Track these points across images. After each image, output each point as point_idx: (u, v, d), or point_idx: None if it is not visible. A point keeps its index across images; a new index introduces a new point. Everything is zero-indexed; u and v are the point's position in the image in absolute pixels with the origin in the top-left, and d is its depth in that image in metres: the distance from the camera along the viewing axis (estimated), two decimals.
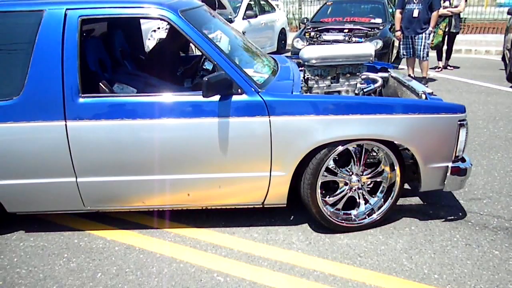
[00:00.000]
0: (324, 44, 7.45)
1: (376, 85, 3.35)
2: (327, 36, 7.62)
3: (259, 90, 2.59)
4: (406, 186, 3.06)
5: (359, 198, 2.88)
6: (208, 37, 2.62)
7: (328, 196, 2.83)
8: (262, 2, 10.56)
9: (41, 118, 2.55)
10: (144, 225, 3.02)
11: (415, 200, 3.26)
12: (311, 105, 2.57)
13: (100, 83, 2.83)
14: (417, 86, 3.08)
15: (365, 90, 3.27)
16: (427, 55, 6.69)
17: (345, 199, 2.85)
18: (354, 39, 7.42)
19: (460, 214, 3.08)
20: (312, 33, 7.80)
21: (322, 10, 9.00)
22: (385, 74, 3.61)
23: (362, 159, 2.77)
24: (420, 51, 6.62)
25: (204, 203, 2.85)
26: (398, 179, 2.80)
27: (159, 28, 9.25)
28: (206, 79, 2.39)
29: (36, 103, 2.54)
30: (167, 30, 8.98)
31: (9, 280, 2.50)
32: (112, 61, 3.53)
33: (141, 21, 10.74)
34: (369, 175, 2.84)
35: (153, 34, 8.91)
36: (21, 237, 2.92)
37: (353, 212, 2.90)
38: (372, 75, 3.45)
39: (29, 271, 2.58)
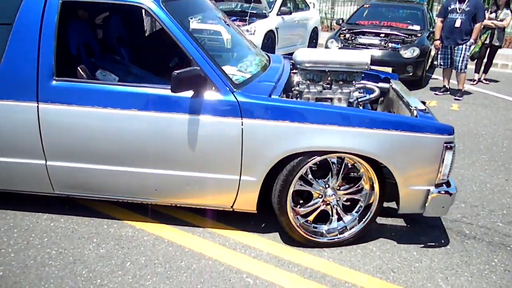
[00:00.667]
0: (360, 47, 7.33)
1: (372, 95, 3.19)
2: (362, 40, 7.49)
3: (234, 90, 2.48)
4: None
5: (332, 214, 2.74)
6: (188, 31, 2.52)
7: (299, 206, 2.69)
8: None
9: (15, 98, 2.54)
10: (172, 217, 2.99)
11: (451, 218, 3.16)
12: (286, 111, 2.44)
13: (79, 68, 2.76)
14: (412, 100, 2.87)
15: (360, 100, 3.10)
16: (465, 67, 6.51)
17: (316, 212, 2.71)
18: (390, 44, 7.28)
19: (498, 237, 2.97)
20: (347, 35, 7.67)
21: (358, 12, 8.85)
22: (386, 85, 3.40)
23: (341, 173, 2.62)
24: (458, 62, 6.45)
25: (172, 200, 2.77)
26: (376, 198, 2.66)
27: (191, 18, 9.22)
28: (175, 73, 2.31)
29: (11, 82, 2.54)
30: (199, 21, 8.98)
31: (39, 260, 2.50)
32: (103, 47, 3.47)
33: None
34: (347, 191, 2.70)
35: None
36: (52, 217, 2.93)
37: (324, 227, 2.76)
38: (369, 85, 3.29)
39: (59, 253, 2.58)
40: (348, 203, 2.78)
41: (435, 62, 8.48)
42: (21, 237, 2.70)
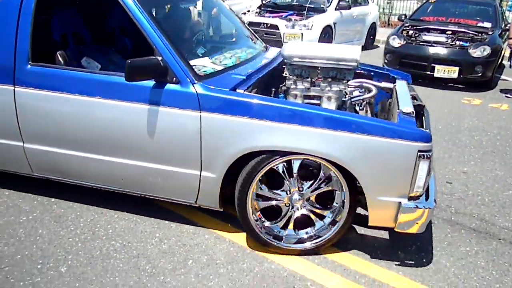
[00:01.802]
0: (423, 45, 6.96)
1: (368, 95, 2.91)
2: (427, 37, 7.11)
3: (195, 81, 2.38)
4: None
5: (286, 221, 2.55)
6: (153, 19, 2.45)
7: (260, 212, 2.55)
8: None
9: None
10: (233, 217, 2.92)
11: None
12: (246, 106, 2.30)
13: (58, 53, 2.79)
14: (404, 103, 2.58)
15: (353, 99, 2.85)
16: None
17: (285, 217, 2.56)
18: (457, 42, 6.86)
19: None
20: (410, 32, 7.32)
21: (423, 7, 8.42)
22: (390, 85, 3.12)
23: (293, 176, 2.44)
24: None
25: (139, 191, 2.72)
26: (346, 206, 2.44)
27: (249, 11, 9.18)
28: (129, 62, 2.24)
29: None
30: (256, 13, 8.91)
31: (105, 252, 2.53)
32: (85, 35, 3.46)
33: (231, 2, 10.72)
34: (314, 195, 2.50)
35: (242, 16, 8.84)
36: (115, 208, 2.96)
37: (284, 232, 2.56)
38: (367, 84, 3.03)
39: (123, 246, 2.59)
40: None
41: (504, 62, 7.95)
42: (87, 227, 2.74)
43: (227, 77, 2.56)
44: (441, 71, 6.76)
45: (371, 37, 10.60)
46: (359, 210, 2.52)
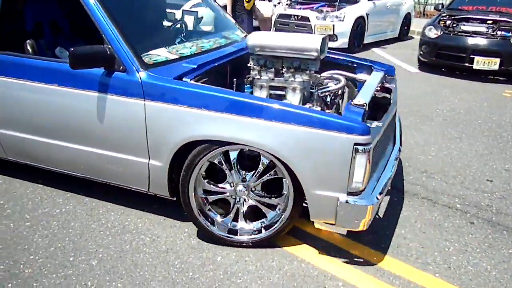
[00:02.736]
0: (462, 35, 6.66)
1: (337, 86, 2.75)
2: (466, 27, 6.80)
3: (141, 69, 2.38)
4: None
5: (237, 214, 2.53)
6: (105, 8, 2.45)
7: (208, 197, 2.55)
8: None
9: None
10: None
11: None
12: (185, 94, 2.30)
13: (26, 42, 2.87)
14: (362, 94, 2.50)
15: (320, 90, 2.72)
16: None
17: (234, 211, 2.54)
18: (499, 32, 6.53)
19: None
20: (448, 22, 7.02)
21: None
22: (366, 77, 2.98)
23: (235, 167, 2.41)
24: None
25: (100, 178, 2.78)
26: (290, 200, 2.38)
27: (279, 2, 9.06)
28: (72, 49, 2.25)
29: None
30: (287, 5, 8.78)
31: (134, 246, 2.54)
32: (71, 25, 3.57)
33: None
34: (259, 191, 2.46)
35: (273, 8, 8.73)
36: (144, 202, 2.96)
37: (237, 225, 2.53)
38: (337, 75, 2.91)
39: (152, 240, 2.59)
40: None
41: None
42: (118, 221, 2.76)
43: (177, 66, 2.55)
44: (480, 63, 6.46)
45: (405, 28, 10.28)
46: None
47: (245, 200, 2.51)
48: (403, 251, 2.55)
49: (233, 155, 2.40)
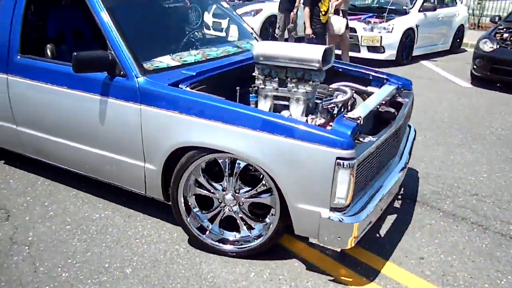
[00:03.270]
0: None
1: (342, 98, 2.66)
2: None
3: (139, 75, 2.45)
4: None
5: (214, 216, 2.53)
6: (111, 15, 2.56)
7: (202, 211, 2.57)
8: None
9: None
10: None
11: None
12: (177, 101, 2.35)
13: (46, 47, 3.01)
14: (361, 107, 2.42)
15: (324, 102, 2.63)
16: None
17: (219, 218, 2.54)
18: None
19: None
20: (505, 35, 6.65)
21: None
22: (375, 90, 2.88)
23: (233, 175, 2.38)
24: None
25: (104, 178, 2.88)
26: (276, 212, 2.32)
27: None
28: (75, 54, 2.35)
29: None
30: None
31: (168, 256, 2.52)
32: (92, 31, 3.59)
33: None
34: (246, 194, 2.41)
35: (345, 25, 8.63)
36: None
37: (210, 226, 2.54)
38: (344, 87, 2.84)
39: (186, 251, 2.57)
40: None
41: None
42: (154, 229, 2.77)
43: (176, 73, 2.59)
44: None
45: (458, 40, 9.85)
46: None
47: (229, 208, 2.50)
48: (449, 281, 2.38)
49: (239, 164, 2.38)
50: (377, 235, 2.76)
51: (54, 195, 3.15)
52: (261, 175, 2.33)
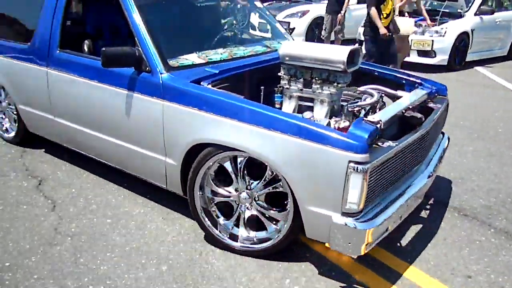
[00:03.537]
0: None
1: (368, 101, 2.60)
2: None
3: (163, 72, 2.52)
4: None
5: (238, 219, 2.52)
6: (141, 13, 2.65)
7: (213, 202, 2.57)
8: None
9: (36, 63, 3.23)
10: None
11: None
12: (195, 97, 2.39)
13: (84, 42, 3.20)
14: (385, 111, 2.36)
15: (349, 104, 2.57)
16: None
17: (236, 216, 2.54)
18: None
19: None
20: None
21: None
22: (405, 94, 2.80)
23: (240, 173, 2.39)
24: None
25: (130, 171, 2.98)
26: (290, 212, 2.28)
27: None
28: (103, 49, 2.45)
29: (35, 50, 3.25)
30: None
31: (204, 256, 2.51)
32: (111, 25, 3.84)
33: (357, 6, 10.29)
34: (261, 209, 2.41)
35: (413, 26, 8.42)
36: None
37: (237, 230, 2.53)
38: (371, 90, 2.77)
39: (222, 253, 2.55)
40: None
41: None
42: (191, 228, 2.77)
43: (199, 70, 2.62)
44: None
45: None
46: None
47: (247, 208, 2.48)
48: None
49: (240, 161, 2.38)
50: (426, 252, 2.62)
51: (98, 188, 3.24)
52: (265, 166, 2.31)
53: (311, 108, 2.58)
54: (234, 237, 2.54)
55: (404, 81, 3.09)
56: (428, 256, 2.57)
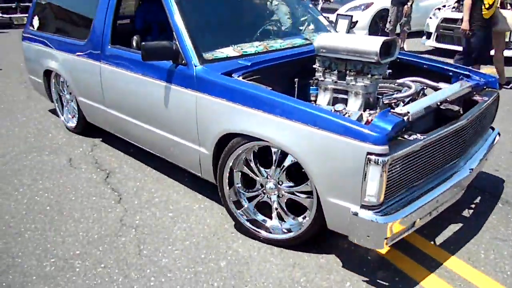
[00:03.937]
0: None
1: (404, 93, 2.56)
2: None
3: (197, 64, 2.61)
4: None
5: (271, 210, 2.55)
6: (180, 9, 2.78)
7: (245, 190, 2.64)
8: None
9: (91, 58, 3.48)
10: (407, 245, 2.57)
11: None
12: (226, 89, 2.46)
13: (133, 38, 3.34)
14: (416, 103, 2.30)
15: (385, 97, 2.54)
16: None
17: (256, 200, 2.61)
18: None
19: None
20: None
21: None
22: (445, 85, 2.72)
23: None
24: None
25: (168, 158, 3.16)
26: (314, 202, 2.28)
27: (444, 6, 8.24)
28: (143, 44, 2.58)
29: (90, 46, 3.49)
30: (454, 8, 7.91)
31: (262, 254, 2.50)
32: (158, 23, 4.04)
33: None
34: (288, 189, 2.42)
35: (436, 12, 7.99)
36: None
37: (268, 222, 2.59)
38: (410, 82, 2.71)
39: (280, 251, 2.52)
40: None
41: None
42: None
43: (232, 63, 2.69)
44: None
45: None
46: None
47: (278, 196, 2.50)
48: None
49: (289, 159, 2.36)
50: (471, 244, 2.42)
51: (160, 182, 3.34)
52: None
53: (346, 101, 2.54)
54: (258, 225, 2.61)
55: (451, 73, 2.98)
56: (472, 247, 2.37)
